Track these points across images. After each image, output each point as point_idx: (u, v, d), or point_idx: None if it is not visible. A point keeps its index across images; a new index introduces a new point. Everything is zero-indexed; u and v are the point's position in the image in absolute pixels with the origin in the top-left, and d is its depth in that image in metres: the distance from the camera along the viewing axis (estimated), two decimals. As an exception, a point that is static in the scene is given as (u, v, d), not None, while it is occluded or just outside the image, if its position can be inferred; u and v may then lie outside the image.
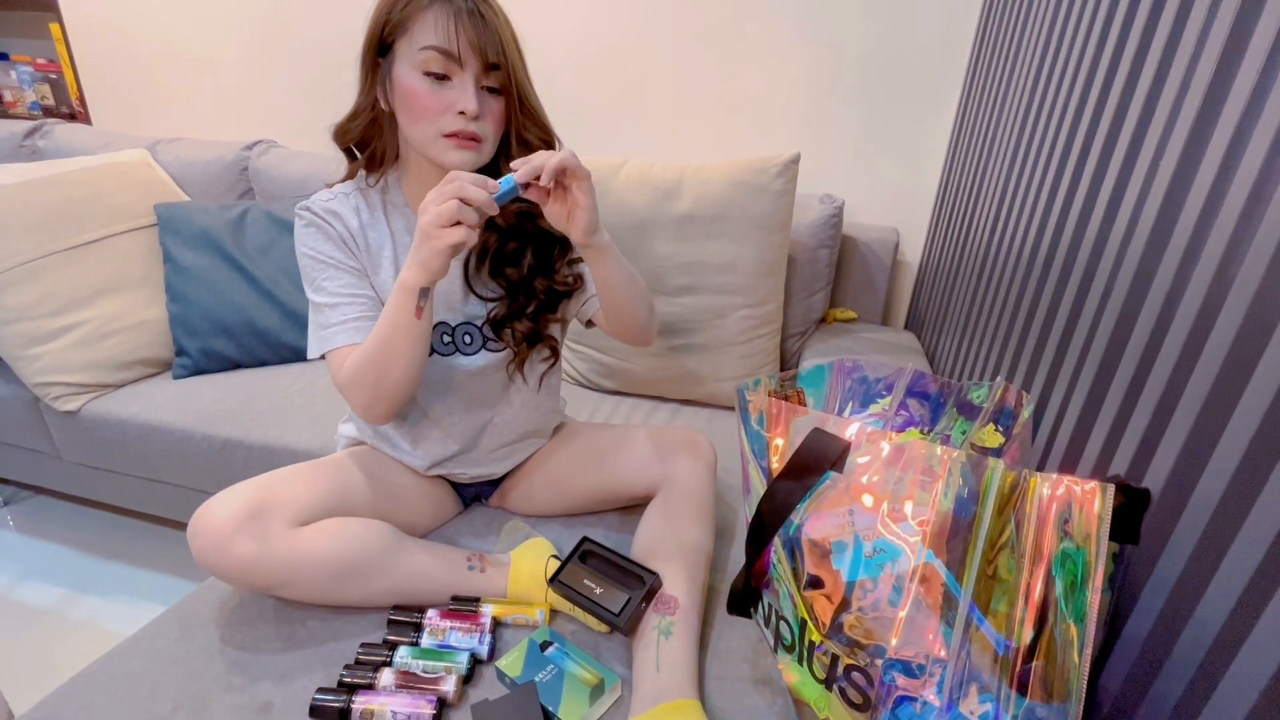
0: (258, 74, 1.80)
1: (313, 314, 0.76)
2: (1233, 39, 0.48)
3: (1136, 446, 0.54)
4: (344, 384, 0.73)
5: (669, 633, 0.69)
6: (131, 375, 1.32)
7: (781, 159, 1.14)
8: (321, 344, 0.75)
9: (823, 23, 1.36)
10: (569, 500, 0.92)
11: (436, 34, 0.67)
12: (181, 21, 1.80)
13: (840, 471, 0.52)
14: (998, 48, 1.11)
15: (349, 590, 0.72)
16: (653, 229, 1.19)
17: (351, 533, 0.72)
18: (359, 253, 0.77)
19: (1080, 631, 0.44)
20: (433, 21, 0.67)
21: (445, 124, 0.70)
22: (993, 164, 1.05)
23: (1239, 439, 0.42)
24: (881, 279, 1.43)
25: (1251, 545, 0.40)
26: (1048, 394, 0.71)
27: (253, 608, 0.74)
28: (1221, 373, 0.45)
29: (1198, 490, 0.46)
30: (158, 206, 1.41)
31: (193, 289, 1.34)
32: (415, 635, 0.71)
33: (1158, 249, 0.54)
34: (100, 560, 1.41)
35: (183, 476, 1.23)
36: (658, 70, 1.49)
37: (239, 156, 1.63)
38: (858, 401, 0.66)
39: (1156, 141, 0.57)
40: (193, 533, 0.66)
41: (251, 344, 1.37)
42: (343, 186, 0.80)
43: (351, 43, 0.72)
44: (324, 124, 0.78)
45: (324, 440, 1.12)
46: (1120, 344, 0.58)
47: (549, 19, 1.49)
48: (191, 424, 1.18)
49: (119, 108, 2.00)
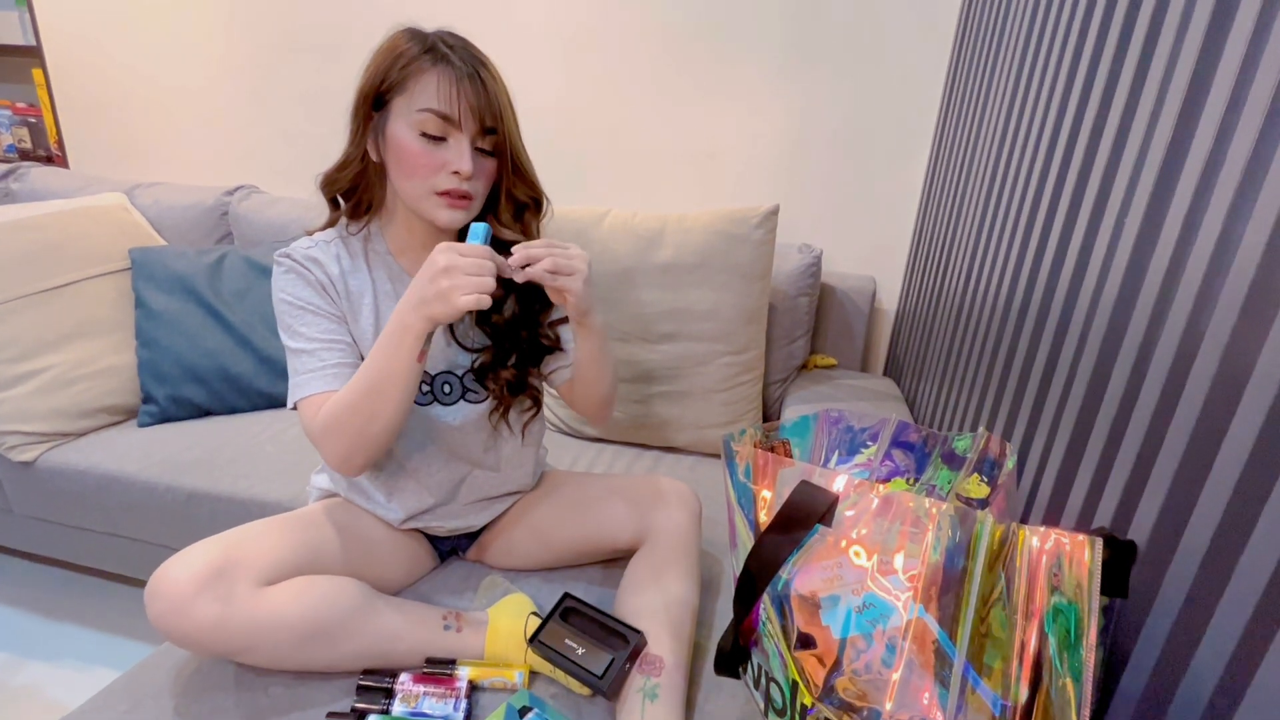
0: (239, 121, 1.81)
1: (290, 361, 0.74)
2: (1191, 93, 0.51)
3: (1119, 497, 0.54)
4: (319, 432, 0.70)
5: (654, 695, 0.66)
6: (94, 423, 1.27)
7: (761, 210, 1.17)
8: (296, 390, 0.73)
9: (797, 79, 1.42)
10: (550, 553, 0.89)
11: (438, 98, 0.68)
12: (164, 69, 1.81)
13: (829, 525, 0.52)
14: (966, 100, 1.17)
15: (317, 654, 0.68)
16: (636, 277, 1.20)
17: (320, 592, 0.69)
18: (339, 299, 0.76)
19: (1078, 690, 0.43)
20: (434, 84, 0.68)
21: (439, 183, 0.70)
22: (965, 213, 1.08)
23: (1222, 488, 0.42)
24: (860, 326, 1.45)
25: (1242, 596, 0.40)
26: (1029, 443, 0.72)
27: (211, 674, 0.69)
28: (1200, 422, 0.45)
29: (1184, 541, 0.46)
30: (132, 250, 1.38)
31: (164, 334, 1.31)
32: (386, 702, 0.67)
33: (1130, 298, 0.56)
34: (49, 621, 1.32)
35: (144, 530, 1.17)
36: (639, 122, 1.53)
37: (219, 201, 1.62)
38: (844, 451, 0.65)
39: (1123, 192, 0.59)
40: (151, 594, 0.62)
41: (223, 390, 1.33)
42: (323, 234, 0.79)
43: (334, 92, 0.73)
44: (305, 171, 0.78)
45: (295, 491, 1.08)
46: (1098, 394, 0.59)
47: (535, 73, 1.53)
48: (155, 474, 1.14)
49: (98, 152, 1.99)
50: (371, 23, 0.75)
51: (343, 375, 0.72)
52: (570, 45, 1.51)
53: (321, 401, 0.71)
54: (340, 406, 0.68)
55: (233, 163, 1.84)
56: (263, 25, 1.70)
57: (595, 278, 0.75)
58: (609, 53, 1.50)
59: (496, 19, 1.53)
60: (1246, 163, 0.44)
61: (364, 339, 0.77)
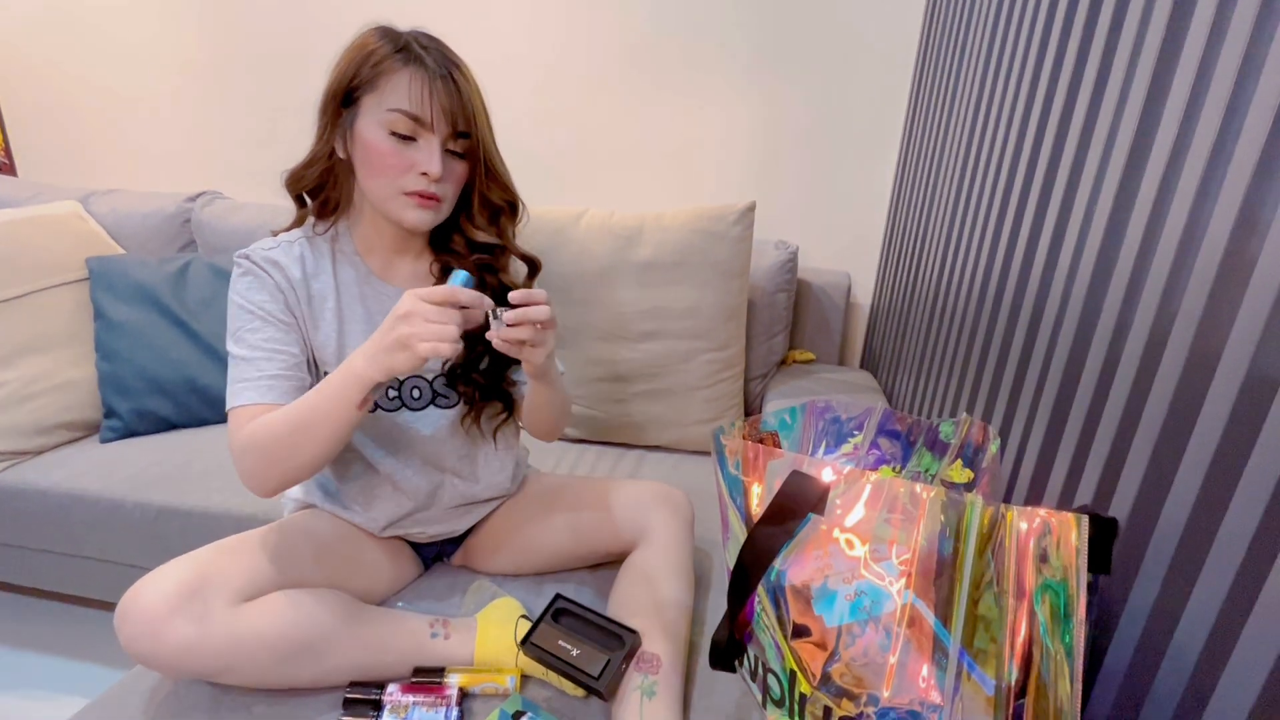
0: (200, 126, 1.75)
1: (229, 367, 0.70)
2: (1157, 77, 0.52)
3: (1099, 475, 0.55)
4: (239, 448, 0.66)
5: (652, 693, 0.65)
6: (53, 440, 1.22)
7: (738, 207, 1.18)
8: (229, 398, 0.69)
9: (766, 77, 1.43)
10: (539, 558, 0.88)
11: (410, 98, 0.67)
12: (117, 75, 1.75)
13: (821, 514, 0.52)
14: (934, 93, 1.19)
15: (301, 670, 0.66)
16: (615, 276, 1.20)
17: (300, 606, 0.67)
18: (297, 305, 0.73)
19: (1070, 666, 0.44)
20: (405, 84, 0.67)
21: (407, 183, 0.69)
22: (937, 204, 1.10)
23: (1198, 462, 0.44)
24: (836, 321, 1.47)
25: (1221, 567, 0.41)
26: (1008, 427, 0.73)
27: (188, 697, 0.67)
28: (1175, 399, 0.47)
29: (1163, 515, 0.47)
30: (89, 260, 1.33)
31: (126, 346, 1.26)
32: (375, 714, 0.65)
33: (1103, 280, 0.57)
34: (11, 650, 1.26)
35: (110, 550, 1.12)
36: (613, 121, 1.53)
37: (181, 208, 1.57)
38: (831, 441, 0.66)
39: (1093, 177, 0.60)
40: (121, 618, 0.60)
41: (191, 402, 1.29)
42: (288, 235, 0.76)
43: (299, 95, 0.71)
44: (270, 175, 0.76)
45: (270, 503, 1.05)
46: (1074, 375, 0.60)
47: (510, 74, 1.52)
48: (121, 491, 1.09)
49: (50, 160, 1.91)
50: (337, 25, 0.73)
51: (277, 388, 0.69)
52: (544, 47, 1.50)
53: (252, 414, 0.66)
54: (265, 431, 0.65)
55: (193, 168, 1.79)
56: (221, 29, 1.65)
57: (574, 278, 0.75)
58: (583, 54, 1.49)
59: (469, 21, 1.51)
60: (1212, 145, 0.45)
61: (324, 346, 0.75)
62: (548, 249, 0.88)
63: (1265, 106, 0.40)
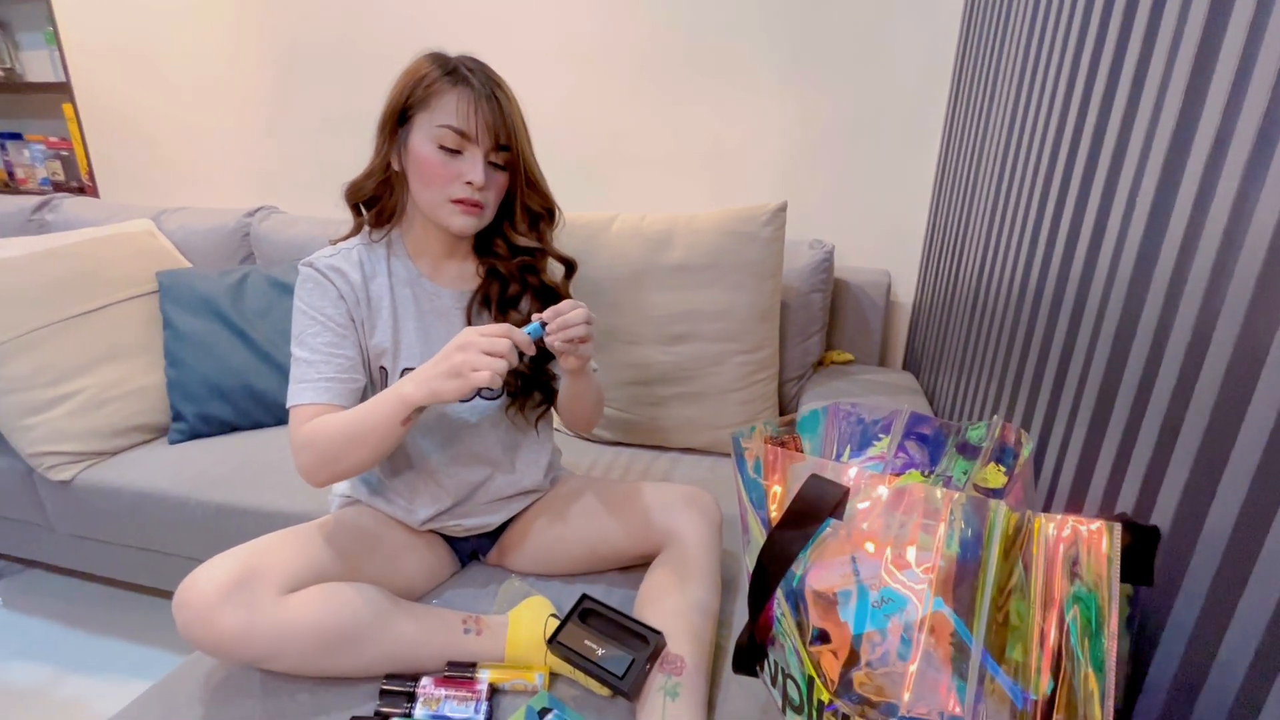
0: (258, 146, 1.86)
1: (292, 367, 0.77)
2: (1198, 66, 0.50)
3: (1140, 482, 0.53)
4: (298, 444, 0.73)
5: (675, 694, 0.66)
6: (127, 442, 1.31)
7: (769, 207, 1.17)
8: (290, 396, 0.75)
9: (803, 76, 1.41)
10: (570, 559, 0.90)
11: (457, 115, 0.73)
12: (186, 100, 1.88)
13: (840, 518, 0.51)
14: (974, 88, 1.15)
15: (340, 660, 0.69)
16: (646, 279, 1.20)
17: (341, 598, 0.70)
18: (357, 308, 0.79)
19: (1100, 681, 0.42)
20: (454, 103, 0.73)
21: (453, 191, 0.75)
22: (977, 203, 1.07)
23: (1243, 469, 0.41)
24: (876, 320, 1.43)
25: (1269, 579, 0.39)
26: (1048, 432, 0.70)
27: (239, 682, 0.71)
28: (1219, 403, 0.44)
29: (1207, 525, 0.45)
30: (159, 274, 1.43)
31: (191, 354, 1.35)
32: (408, 706, 0.68)
33: (1144, 279, 0.55)
34: (91, 635, 1.36)
35: (176, 545, 1.20)
36: (647, 124, 1.53)
37: (240, 223, 1.67)
38: (855, 445, 0.65)
39: (1134, 172, 0.58)
40: (178, 604, 0.64)
41: (248, 407, 1.36)
42: (345, 243, 0.82)
43: (346, 115, 0.76)
44: (322, 190, 0.82)
45: (319, 503, 1.09)
46: (1115, 378, 0.57)
47: (543, 80, 1.55)
48: (186, 490, 1.17)
49: (127, 181, 2.06)
50: (379, 47, 0.77)
51: (333, 389, 0.75)
52: (577, 51, 1.53)
53: (310, 413, 0.73)
54: (322, 434, 0.71)
55: (253, 185, 1.90)
56: (277, 56, 1.75)
57: (607, 282, 0.78)
58: (616, 57, 1.51)
59: (505, 26, 1.55)
60: (1255, 137, 0.42)
61: (380, 345, 0.80)
62: (581, 254, 0.90)
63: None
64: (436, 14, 1.57)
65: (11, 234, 1.73)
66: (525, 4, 1.52)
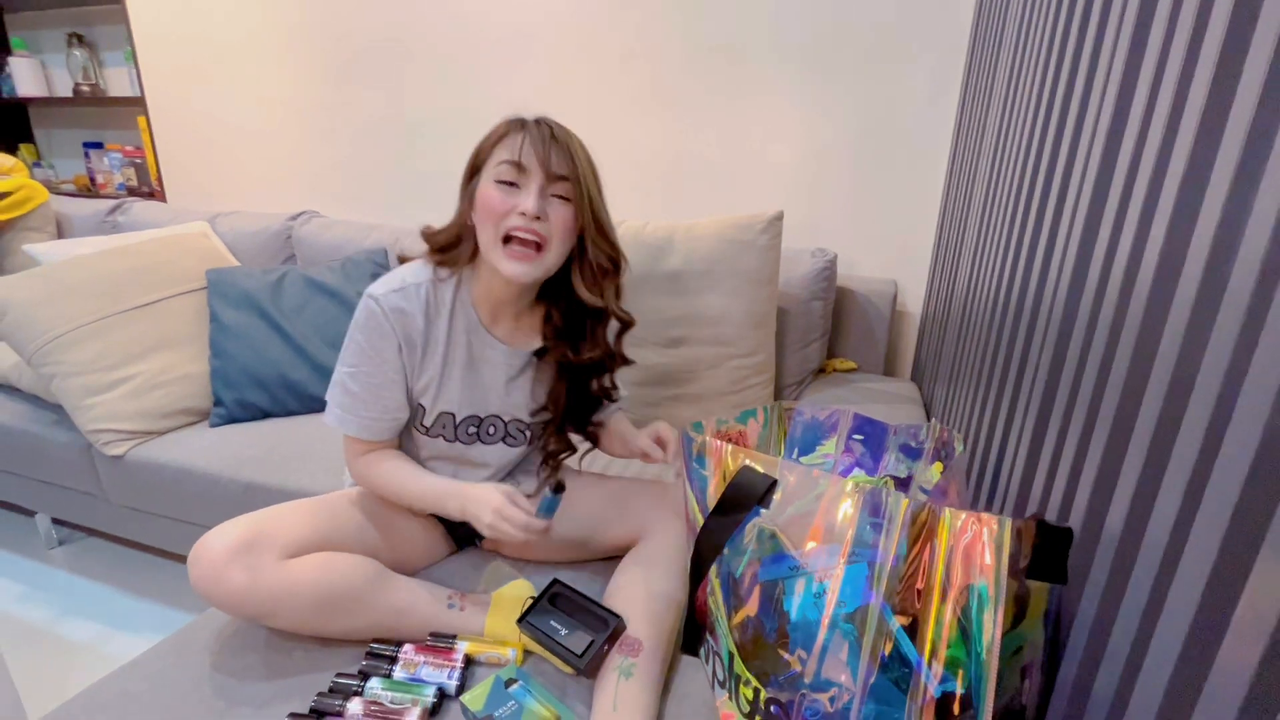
0: (302, 155, 2.01)
1: (339, 381, 0.84)
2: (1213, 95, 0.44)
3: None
4: (354, 472, 0.89)
5: (629, 674, 0.70)
6: (173, 424, 1.44)
7: (766, 216, 1.20)
8: (339, 420, 0.84)
9: (814, 88, 1.44)
10: (557, 549, 0.95)
11: (510, 149, 0.77)
12: (241, 113, 2.05)
13: (766, 507, 0.55)
14: (982, 102, 1.15)
15: (333, 622, 0.76)
16: (647, 284, 1.25)
17: (337, 567, 0.77)
18: (412, 353, 0.83)
19: (984, 669, 0.45)
20: (510, 140, 0.78)
21: (509, 223, 0.77)
22: (987, 213, 1.06)
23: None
24: (881, 330, 1.44)
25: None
26: (1059, 450, 0.68)
27: (246, 637, 0.79)
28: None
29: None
30: (209, 271, 1.56)
31: (233, 345, 1.47)
32: (389, 668, 0.74)
33: (1165, 296, 0.48)
34: (136, 599, 1.50)
35: (210, 518, 1.30)
36: (657, 133, 1.59)
37: (284, 226, 1.80)
38: (804, 444, 0.68)
39: (1146, 187, 0.54)
40: (192, 561, 0.73)
41: (282, 395, 1.47)
42: (414, 276, 0.83)
43: (385, 120, 0.82)
44: (357, 196, 0.89)
45: (336, 484, 1.18)
46: (1135, 396, 0.53)
47: (554, 89, 1.62)
48: (220, 468, 1.28)
49: (191, 187, 2.25)
50: (415, 77, 0.83)
51: (376, 428, 0.85)
52: (588, 60, 1.59)
53: (359, 448, 0.87)
54: (373, 479, 0.87)
55: (297, 191, 2.04)
56: (318, 78, 1.88)
57: None
58: (627, 67, 1.57)
59: (516, 32, 1.63)
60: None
61: (426, 387, 0.85)
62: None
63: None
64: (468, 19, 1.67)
65: (89, 234, 1.92)
66: (544, 15, 1.60)
